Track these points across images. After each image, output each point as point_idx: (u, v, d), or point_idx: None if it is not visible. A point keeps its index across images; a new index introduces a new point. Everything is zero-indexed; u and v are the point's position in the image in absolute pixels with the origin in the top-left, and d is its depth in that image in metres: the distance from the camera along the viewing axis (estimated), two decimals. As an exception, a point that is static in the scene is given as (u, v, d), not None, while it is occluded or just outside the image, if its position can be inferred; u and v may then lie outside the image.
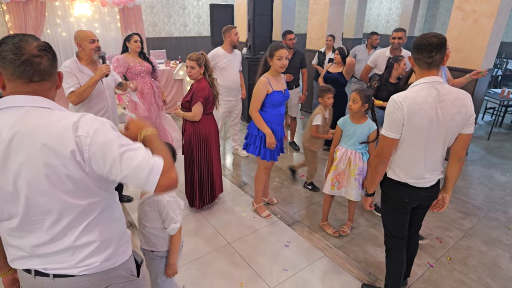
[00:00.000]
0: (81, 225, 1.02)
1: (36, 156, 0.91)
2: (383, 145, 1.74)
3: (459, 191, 3.62)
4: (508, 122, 6.13)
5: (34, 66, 0.94)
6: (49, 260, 1.03)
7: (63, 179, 0.94)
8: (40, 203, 0.95)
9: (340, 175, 2.64)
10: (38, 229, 0.99)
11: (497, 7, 3.47)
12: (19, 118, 0.92)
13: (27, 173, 0.92)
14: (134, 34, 3.56)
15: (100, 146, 0.94)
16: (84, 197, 0.99)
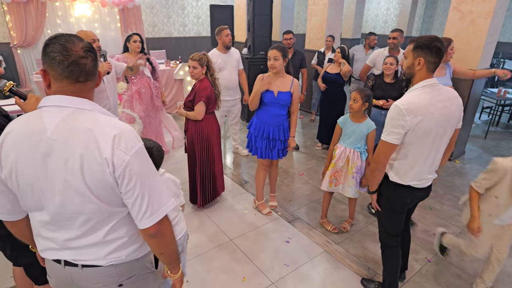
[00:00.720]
0: (110, 224, 1.06)
1: (76, 158, 0.94)
2: (382, 151, 1.72)
3: (456, 188, 3.68)
4: (505, 121, 6.20)
5: (80, 67, 0.96)
6: (78, 252, 1.08)
7: (97, 184, 0.97)
8: (75, 202, 0.99)
9: (338, 173, 2.69)
10: (69, 226, 1.04)
11: (493, 8, 3.53)
12: (65, 118, 0.96)
13: (66, 172, 0.95)
14: (134, 34, 3.58)
15: (130, 171, 0.97)
16: (114, 205, 1.04)
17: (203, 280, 2.33)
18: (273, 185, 3.25)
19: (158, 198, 1.05)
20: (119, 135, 0.96)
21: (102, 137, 0.95)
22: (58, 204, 1.00)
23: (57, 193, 0.98)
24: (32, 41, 7.36)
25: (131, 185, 0.98)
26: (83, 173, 0.95)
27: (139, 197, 1.00)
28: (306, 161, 4.30)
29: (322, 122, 4.51)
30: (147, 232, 1.05)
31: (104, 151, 0.94)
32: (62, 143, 0.94)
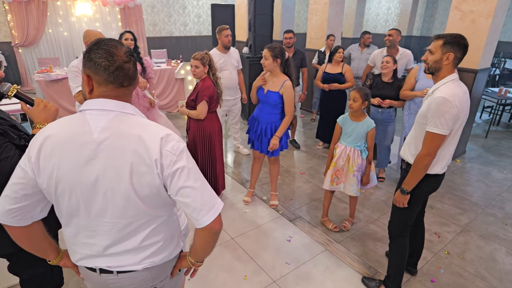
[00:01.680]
0: (148, 229, 1.06)
1: (125, 161, 0.94)
2: (436, 144, 1.77)
3: (457, 188, 3.69)
4: (506, 121, 6.20)
5: (125, 71, 0.97)
6: (114, 259, 1.07)
7: (144, 186, 0.97)
8: (117, 205, 0.99)
9: (339, 171, 2.70)
10: (108, 231, 1.03)
11: (494, 7, 3.53)
12: (110, 121, 0.96)
13: (112, 176, 0.95)
14: (126, 32, 3.53)
15: (181, 169, 0.98)
16: (157, 207, 1.04)
17: (205, 278, 2.34)
18: (273, 183, 3.27)
19: (211, 192, 1.05)
20: (165, 138, 0.97)
21: (149, 140, 0.95)
22: (99, 208, 0.99)
23: (100, 196, 0.98)
24: (33, 40, 7.38)
25: (183, 181, 0.98)
26: (131, 176, 0.95)
27: (197, 191, 1.00)
28: (307, 160, 4.31)
29: (323, 121, 4.52)
30: (212, 228, 1.03)
31: (153, 153, 0.95)
32: (109, 145, 0.94)
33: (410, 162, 1.94)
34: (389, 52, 3.92)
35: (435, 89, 1.80)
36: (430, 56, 1.80)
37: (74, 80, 2.53)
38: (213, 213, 1.02)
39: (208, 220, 1.01)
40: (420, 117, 1.87)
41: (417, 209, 2.04)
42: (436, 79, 1.83)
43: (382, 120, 3.48)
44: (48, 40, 7.69)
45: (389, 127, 3.54)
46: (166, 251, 1.13)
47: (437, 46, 1.76)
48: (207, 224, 1.02)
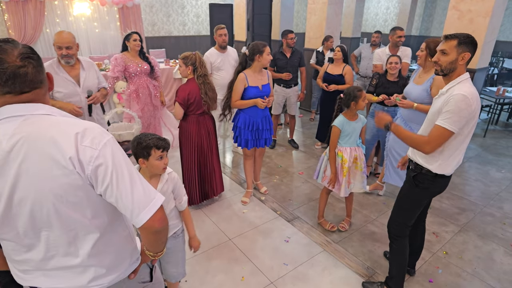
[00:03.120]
0: (86, 245, 0.97)
1: (37, 165, 0.85)
2: (442, 139, 1.74)
3: (456, 187, 3.69)
4: (504, 120, 6.20)
5: (21, 78, 0.86)
6: (53, 277, 0.98)
7: (65, 191, 0.88)
8: (42, 214, 0.90)
9: (350, 174, 2.69)
10: (40, 243, 0.94)
11: (491, 7, 3.53)
12: (19, 126, 0.86)
13: (27, 182, 0.86)
14: (133, 33, 3.56)
15: (104, 164, 0.89)
16: (86, 213, 0.94)
17: (202, 279, 2.33)
18: (259, 173, 3.49)
19: (146, 189, 0.96)
20: (82, 132, 0.88)
21: (63, 137, 0.86)
22: (25, 219, 0.90)
23: (22, 209, 0.89)
24: (31, 40, 7.35)
25: (108, 178, 0.89)
26: (48, 181, 0.86)
27: (125, 189, 0.91)
28: (305, 160, 4.30)
29: (322, 121, 4.52)
30: (150, 227, 0.95)
31: (67, 151, 0.85)
32: (18, 153, 0.85)
33: (419, 163, 1.91)
34: (393, 51, 3.96)
35: (450, 87, 1.77)
36: (443, 57, 1.75)
37: None
38: (147, 212, 0.93)
39: (143, 219, 0.93)
40: (432, 115, 1.84)
41: (418, 210, 2.03)
42: (449, 79, 1.79)
43: None
44: (46, 40, 7.66)
45: None
46: (116, 273, 1.05)
47: (451, 47, 1.72)
48: (143, 223, 0.94)
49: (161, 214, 0.97)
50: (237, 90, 2.92)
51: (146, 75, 3.71)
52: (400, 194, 2.08)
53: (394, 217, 2.11)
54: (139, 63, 3.61)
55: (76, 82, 2.63)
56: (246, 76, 2.90)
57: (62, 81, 2.55)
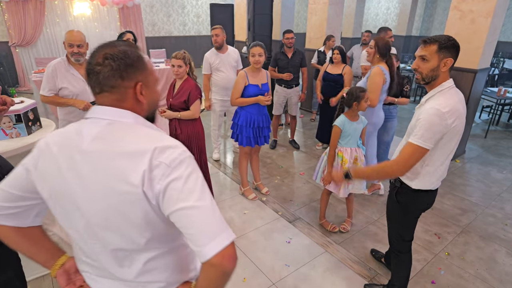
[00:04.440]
0: (141, 260, 0.91)
1: (106, 180, 0.81)
2: (415, 157, 1.58)
3: (457, 188, 3.68)
4: (505, 121, 6.20)
5: (91, 77, 0.86)
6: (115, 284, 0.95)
7: (126, 207, 0.82)
8: (97, 224, 0.86)
9: None
10: (98, 250, 0.91)
11: (493, 7, 3.52)
12: (102, 130, 0.85)
13: (89, 196, 0.84)
14: (127, 32, 3.52)
15: (177, 180, 0.80)
16: (144, 232, 0.86)
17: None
18: (258, 172, 3.50)
19: (221, 217, 0.83)
20: (161, 148, 0.81)
21: (139, 150, 0.81)
22: (84, 225, 0.87)
23: (81, 212, 0.87)
24: (31, 40, 7.34)
25: (178, 198, 0.79)
26: (114, 194, 0.82)
27: (198, 212, 0.79)
28: (306, 161, 4.29)
29: (323, 121, 4.51)
30: (219, 265, 0.79)
31: (140, 165, 0.79)
32: (94, 157, 0.83)
33: (400, 178, 1.79)
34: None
35: (428, 98, 1.63)
36: (423, 64, 1.59)
37: (45, 81, 2.50)
38: (217, 244, 0.78)
39: (209, 252, 0.77)
40: (410, 128, 1.70)
41: (412, 226, 1.94)
42: (430, 87, 1.64)
43: None
44: (46, 39, 7.66)
45: (389, 124, 3.54)
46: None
47: (432, 52, 1.56)
48: (210, 257, 0.77)
49: (232, 251, 0.81)
50: (237, 88, 2.97)
51: None
52: (387, 211, 2.01)
53: (390, 233, 2.05)
54: None
55: (85, 80, 2.64)
56: (247, 74, 2.97)
57: (72, 78, 2.58)
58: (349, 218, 2.94)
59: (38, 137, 2.08)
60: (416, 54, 1.64)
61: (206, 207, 0.80)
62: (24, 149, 1.94)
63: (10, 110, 2.01)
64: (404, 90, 3.38)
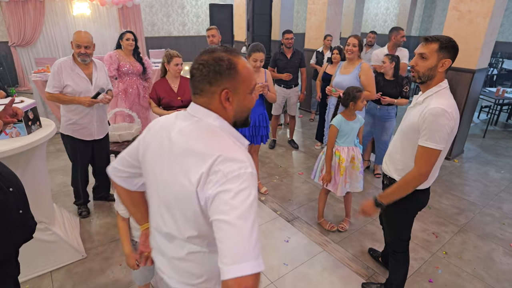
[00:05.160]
0: (186, 247, 0.99)
1: (177, 169, 0.91)
2: (432, 160, 1.57)
3: (455, 188, 3.69)
4: (503, 121, 6.22)
5: (193, 78, 0.95)
6: (163, 261, 1.07)
7: (183, 199, 0.90)
8: (163, 204, 0.99)
9: (347, 174, 2.69)
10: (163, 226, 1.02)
11: (491, 8, 3.54)
12: (189, 125, 0.95)
13: (165, 183, 0.95)
14: (127, 32, 3.53)
15: (225, 193, 0.81)
16: (192, 228, 0.94)
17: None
18: (257, 172, 3.45)
19: (253, 245, 0.79)
20: (225, 156, 0.85)
21: (206, 152, 0.87)
22: (157, 202, 1.02)
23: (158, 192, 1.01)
24: (30, 40, 7.35)
25: (222, 209, 0.81)
26: (177, 183, 0.91)
27: (233, 230, 0.78)
28: (305, 160, 4.31)
29: (322, 121, 4.52)
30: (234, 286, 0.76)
31: (202, 166, 0.85)
32: (175, 147, 0.94)
33: (394, 178, 1.79)
34: (392, 51, 3.99)
35: (426, 97, 1.62)
36: (422, 62, 1.59)
37: (51, 79, 2.56)
38: (239, 269, 0.76)
39: (229, 274, 0.76)
40: (408, 128, 1.67)
41: (409, 225, 1.94)
42: (426, 87, 1.64)
43: (380, 116, 3.53)
44: (46, 39, 7.67)
45: (387, 123, 3.56)
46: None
47: (432, 51, 1.55)
48: (227, 278, 0.76)
49: (251, 283, 0.76)
50: None
51: (137, 76, 3.69)
52: (384, 212, 2.00)
53: (388, 233, 2.06)
54: (132, 63, 3.59)
55: (89, 80, 2.69)
56: None
57: (76, 77, 2.62)
58: (347, 217, 2.96)
59: (37, 136, 2.09)
60: (415, 51, 1.64)
61: (244, 228, 0.79)
62: (23, 148, 1.95)
63: (10, 110, 2.03)
64: (404, 90, 3.40)
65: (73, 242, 2.48)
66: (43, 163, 2.31)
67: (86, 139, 2.80)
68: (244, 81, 0.94)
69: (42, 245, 2.23)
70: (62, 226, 2.50)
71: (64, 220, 2.63)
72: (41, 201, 2.24)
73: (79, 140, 2.78)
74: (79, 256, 2.46)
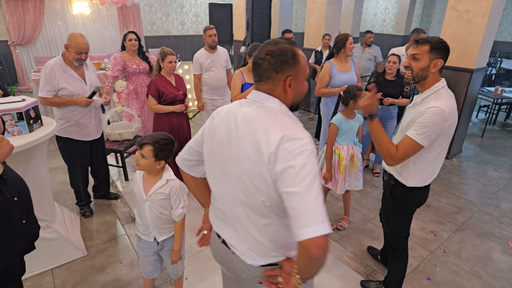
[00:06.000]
0: (260, 222, 1.08)
1: (246, 148, 1.01)
2: (410, 152, 1.63)
3: (454, 186, 3.72)
4: (502, 120, 6.24)
5: (258, 67, 1.04)
6: (234, 237, 1.17)
7: (255, 174, 1.01)
8: (237, 187, 1.08)
9: (346, 172, 2.71)
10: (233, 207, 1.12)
11: (490, 7, 3.56)
12: (253, 110, 1.05)
13: (236, 160, 1.05)
14: (130, 32, 3.55)
15: (292, 168, 0.93)
16: (262, 199, 1.03)
17: (203, 276, 2.35)
18: None
19: (323, 210, 0.93)
20: (289, 136, 0.96)
21: (273, 132, 0.97)
22: (226, 182, 1.11)
23: (227, 174, 1.10)
24: (30, 39, 7.35)
25: (292, 183, 0.93)
26: (247, 162, 1.02)
27: (301, 198, 0.91)
28: (304, 160, 4.31)
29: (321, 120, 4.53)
30: (307, 249, 0.90)
31: (271, 145, 0.96)
32: (242, 131, 1.04)
33: (394, 175, 1.83)
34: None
35: (424, 97, 1.66)
36: (414, 62, 1.64)
37: (43, 83, 2.48)
38: (311, 231, 0.89)
39: (303, 235, 0.89)
40: (405, 128, 1.72)
41: (408, 222, 1.96)
42: (422, 87, 1.68)
43: (382, 116, 3.54)
44: (45, 38, 7.67)
45: (388, 124, 3.58)
46: (273, 252, 1.12)
47: (423, 52, 1.61)
48: (301, 240, 0.90)
49: (323, 242, 0.89)
50: (236, 86, 3.06)
51: (145, 75, 3.71)
52: (383, 209, 2.05)
53: (387, 230, 2.08)
54: (138, 63, 3.61)
55: (83, 80, 2.67)
56: (242, 73, 3.07)
57: (71, 79, 2.58)
58: (346, 215, 2.97)
59: (39, 135, 2.10)
60: (408, 52, 1.70)
61: (311, 197, 0.92)
62: (25, 146, 1.96)
63: (12, 108, 2.04)
64: (405, 90, 3.41)
65: (74, 239, 2.49)
66: (44, 161, 2.32)
67: (86, 139, 2.79)
68: (302, 69, 1.06)
69: (43, 243, 2.24)
70: (63, 224, 2.51)
71: (64, 218, 2.64)
72: (42, 199, 2.26)
73: (79, 141, 2.76)
74: (80, 254, 2.47)
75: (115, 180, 3.65)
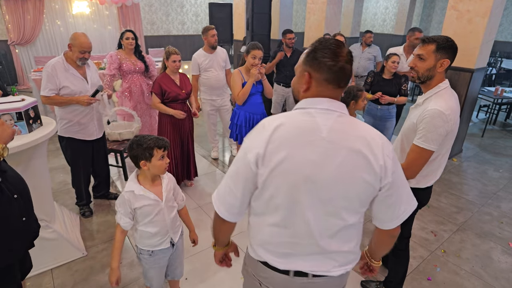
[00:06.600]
0: (346, 232, 1.04)
1: (350, 161, 0.93)
2: (422, 160, 1.60)
3: (454, 187, 3.71)
4: (502, 120, 6.24)
5: (345, 72, 0.96)
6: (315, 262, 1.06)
7: (362, 189, 0.96)
8: (337, 204, 0.98)
9: None
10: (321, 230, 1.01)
11: (490, 7, 3.55)
12: (336, 120, 0.96)
13: (337, 175, 0.94)
14: (127, 31, 3.54)
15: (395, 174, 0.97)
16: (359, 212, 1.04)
17: (202, 277, 2.35)
18: None
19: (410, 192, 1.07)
20: (383, 143, 0.96)
21: (373, 142, 0.95)
22: (320, 205, 0.98)
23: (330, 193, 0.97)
24: (30, 39, 7.34)
25: (395, 188, 0.99)
26: (353, 178, 0.95)
27: (399, 199, 1.02)
28: (304, 159, 4.31)
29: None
30: (395, 231, 1.11)
31: (379, 157, 0.94)
32: (337, 145, 0.94)
33: None
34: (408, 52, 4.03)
35: (426, 98, 1.64)
36: (420, 63, 1.61)
37: (45, 81, 2.48)
38: (400, 219, 1.07)
39: (395, 224, 1.07)
40: (407, 129, 1.71)
41: (409, 222, 1.96)
42: (426, 87, 1.66)
43: (381, 116, 3.54)
44: (45, 38, 7.66)
45: (388, 123, 3.58)
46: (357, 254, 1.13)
47: (429, 52, 1.57)
48: (393, 227, 1.08)
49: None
50: (236, 85, 3.08)
51: (140, 74, 3.69)
52: None
53: None
54: (134, 62, 3.59)
55: (84, 79, 2.67)
56: (241, 72, 3.11)
57: (73, 78, 2.59)
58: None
59: (39, 135, 2.10)
60: (413, 53, 1.66)
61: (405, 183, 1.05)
62: (24, 146, 1.95)
63: (12, 108, 2.03)
64: (402, 88, 3.41)
65: (74, 240, 2.49)
66: (44, 161, 2.31)
67: (88, 139, 2.79)
68: None
69: (43, 243, 2.24)
70: (62, 224, 2.51)
71: (64, 218, 2.64)
72: (42, 199, 2.25)
73: (81, 141, 2.76)
74: (80, 254, 2.47)
75: (115, 180, 3.65)
